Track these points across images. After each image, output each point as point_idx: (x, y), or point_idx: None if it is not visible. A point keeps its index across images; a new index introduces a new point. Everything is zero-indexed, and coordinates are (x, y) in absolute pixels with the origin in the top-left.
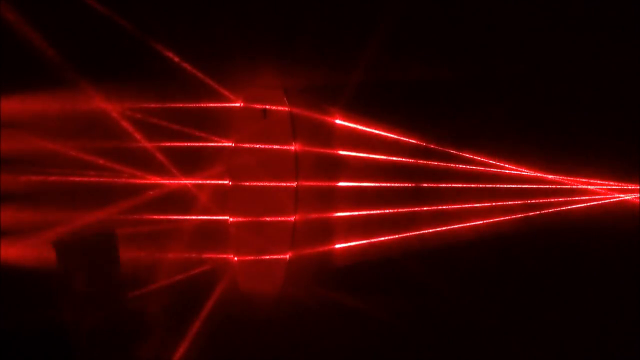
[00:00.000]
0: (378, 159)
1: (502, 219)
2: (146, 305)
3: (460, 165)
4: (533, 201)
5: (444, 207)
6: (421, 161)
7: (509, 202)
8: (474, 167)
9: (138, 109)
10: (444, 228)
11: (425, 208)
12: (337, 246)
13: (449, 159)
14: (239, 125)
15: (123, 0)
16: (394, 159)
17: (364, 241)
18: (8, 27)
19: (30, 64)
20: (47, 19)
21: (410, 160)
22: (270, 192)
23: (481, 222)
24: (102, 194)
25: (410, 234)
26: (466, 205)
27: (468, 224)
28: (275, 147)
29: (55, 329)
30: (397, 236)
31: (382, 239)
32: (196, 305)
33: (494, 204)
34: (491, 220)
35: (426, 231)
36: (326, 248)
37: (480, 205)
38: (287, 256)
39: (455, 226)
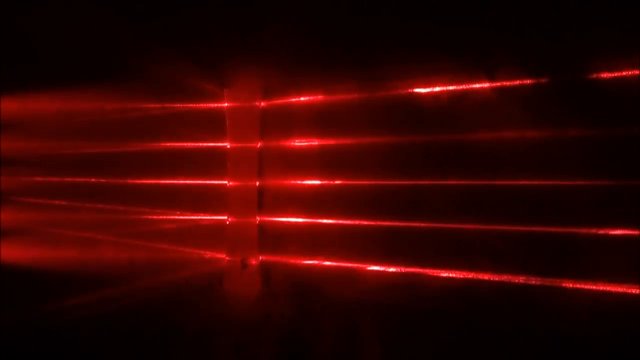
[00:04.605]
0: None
1: None
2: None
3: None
4: None
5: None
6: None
7: None
8: None
9: (137, 109)
10: None
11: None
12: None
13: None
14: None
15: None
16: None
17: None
18: (8, 27)
19: (30, 64)
20: (46, 19)
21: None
22: None
23: None
24: (101, 194)
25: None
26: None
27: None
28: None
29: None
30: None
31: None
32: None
33: None
34: None
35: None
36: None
37: None
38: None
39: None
